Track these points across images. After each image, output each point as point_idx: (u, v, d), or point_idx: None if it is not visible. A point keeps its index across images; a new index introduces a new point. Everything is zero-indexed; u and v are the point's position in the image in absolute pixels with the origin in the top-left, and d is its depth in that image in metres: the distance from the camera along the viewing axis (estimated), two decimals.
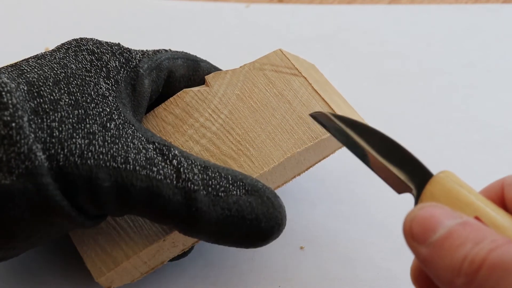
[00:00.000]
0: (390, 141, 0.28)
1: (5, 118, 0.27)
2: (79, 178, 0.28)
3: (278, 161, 0.34)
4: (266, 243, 0.32)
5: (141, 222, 0.33)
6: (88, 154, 0.29)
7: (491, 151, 0.44)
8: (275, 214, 0.32)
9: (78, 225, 0.30)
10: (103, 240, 0.33)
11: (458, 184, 0.25)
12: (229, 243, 0.32)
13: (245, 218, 0.31)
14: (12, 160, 0.27)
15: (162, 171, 0.30)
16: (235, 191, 0.31)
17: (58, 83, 0.30)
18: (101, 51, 0.33)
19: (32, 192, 0.27)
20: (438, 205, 0.24)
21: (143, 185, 0.29)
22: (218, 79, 0.36)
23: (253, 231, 0.31)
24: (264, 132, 0.34)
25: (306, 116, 0.35)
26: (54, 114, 0.29)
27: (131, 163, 0.29)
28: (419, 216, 0.24)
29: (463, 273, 0.22)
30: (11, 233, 0.29)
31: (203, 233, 0.31)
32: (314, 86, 0.36)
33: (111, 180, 0.29)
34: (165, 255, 0.34)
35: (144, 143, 0.30)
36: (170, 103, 0.36)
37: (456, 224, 0.23)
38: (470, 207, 0.24)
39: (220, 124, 0.35)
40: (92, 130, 0.29)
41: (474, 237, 0.22)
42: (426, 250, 0.23)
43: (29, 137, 0.28)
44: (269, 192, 0.32)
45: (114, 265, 0.32)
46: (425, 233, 0.23)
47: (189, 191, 0.30)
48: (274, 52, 0.37)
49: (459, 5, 0.58)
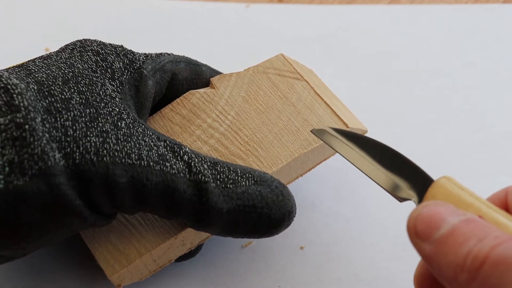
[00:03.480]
0: (391, 151, 0.28)
1: (18, 120, 0.28)
2: (95, 175, 0.29)
3: (286, 161, 0.35)
4: (278, 231, 0.33)
5: (152, 220, 0.33)
6: (103, 152, 0.29)
7: (491, 151, 0.44)
8: (284, 202, 0.32)
9: (89, 224, 0.30)
10: (114, 237, 0.33)
11: (459, 187, 0.25)
12: (241, 234, 0.33)
13: (256, 206, 0.32)
14: (25, 162, 0.27)
15: (175, 166, 0.30)
16: (244, 182, 0.32)
17: (67, 82, 0.31)
18: (106, 52, 0.34)
19: (45, 193, 0.27)
20: (442, 203, 0.24)
21: (158, 180, 0.30)
22: (223, 81, 0.37)
23: (264, 220, 0.32)
24: (271, 133, 0.35)
25: (311, 119, 0.36)
26: (67, 113, 0.29)
27: (145, 159, 0.30)
28: (423, 213, 0.24)
29: (467, 269, 0.22)
30: (22, 234, 0.29)
31: (215, 225, 0.32)
32: (316, 90, 0.37)
33: (127, 176, 0.29)
34: (173, 254, 0.34)
35: (155, 141, 0.31)
36: (177, 104, 0.36)
37: (459, 221, 0.23)
38: (472, 207, 0.24)
39: (228, 125, 0.35)
40: (105, 128, 0.30)
41: (478, 233, 0.22)
42: (430, 247, 0.23)
43: (42, 138, 0.28)
44: (277, 182, 0.33)
45: (127, 262, 0.33)
46: (429, 230, 0.23)
47: (200, 183, 0.30)
48: (276, 57, 0.38)
49: (459, 5, 0.58)
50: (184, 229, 0.33)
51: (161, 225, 0.33)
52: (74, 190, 0.28)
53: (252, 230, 0.33)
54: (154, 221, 0.33)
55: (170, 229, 0.33)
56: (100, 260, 0.33)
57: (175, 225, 0.33)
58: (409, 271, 0.37)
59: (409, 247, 0.38)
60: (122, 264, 0.33)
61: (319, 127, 0.34)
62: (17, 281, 0.37)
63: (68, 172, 0.28)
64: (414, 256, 0.37)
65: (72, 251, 0.38)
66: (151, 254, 0.33)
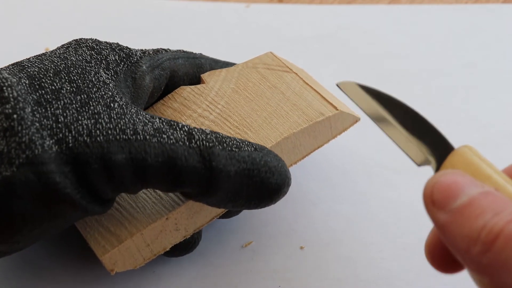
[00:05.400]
0: (414, 114, 0.28)
1: (7, 111, 0.28)
2: (91, 157, 0.28)
3: (276, 140, 0.35)
4: (277, 198, 0.33)
5: (143, 202, 0.33)
6: (96, 132, 0.29)
7: (491, 151, 0.44)
8: (284, 168, 0.33)
9: (83, 212, 0.30)
10: (106, 221, 0.33)
11: (479, 158, 0.25)
12: (242, 200, 0.33)
13: (260, 170, 0.32)
14: (13, 151, 0.27)
15: (173, 136, 0.30)
16: (246, 148, 0.32)
17: (59, 73, 0.31)
18: (100, 47, 0.34)
19: (33, 182, 0.27)
20: (460, 173, 0.24)
21: (157, 151, 0.29)
22: (213, 76, 0.38)
23: (266, 184, 0.32)
24: (260, 118, 0.36)
25: (300, 103, 0.37)
26: (57, 102, 0.29)
27: (140, 134, 0.29)
28: (441, 182, 0.24)
29: (480, 242, 0.22)
30: (15, 226, 0.29)
31: (220, 190, 0.31)
32: (305, 80, 0.38)
33: (123, 152, 0.29)
34: (167, 240, 0.34)
35: (149, 118, 0.31)
36: (168, 99, 0.37)
37: (478, 193, 0.23)
38: (490, 180, 0.24)
39: (218, 113, 0.36)
40: (97, 110, 0.30)
41: (494, 207, 0.22)
42: (446, 216, 0.23)
43: (31, 127, 0.28)
44: (274, 153, 0.33)
45: (118, 242, 0.33)
46: (446, 199, 0.23)
47: (205, 148, 0.30)
48: (265, 54, 0.39)
49: (459, 5, 0.58)
50: (175, 210, 0.33)
51: (152, 206, 0.33)
52: (69, 176, 0.28)
53: (254, 196, 0.33)
54: (145, 204, 0.33)
55: (161, 210, 0.33)
56: (90, 242, 0.33)
57: (166, 206, 0.33)
58: (409, 271, 0.37)
59: (409, 247, 0.38)
60: (112, 244, 0.32)
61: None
62: (15, 280, 0.37)
63: (62, 157, 0.28)
64: (414, 256, 0.37)
65: (71, 251, 0.38)
66: (142, 235, 0.33)
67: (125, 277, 0.37)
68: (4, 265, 0.37)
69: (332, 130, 0.38)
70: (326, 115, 0.36)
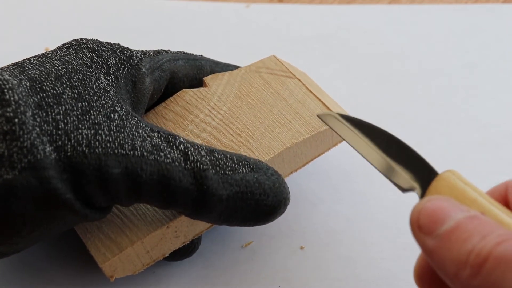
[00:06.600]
0: (397, 141, 0.28)
1: (8, 114, 0.28)
2: (88, 168, 0.29)
3: (278, 151, 0.35)
4: (273, 218, 0.33)
5: (144, 210, 0.33)
6: (95, 143, 0.29)
7: (491, 151, 0.44)
8: (280, 189, 0.33)
9: (82, 218, 0.30)
10: (107, 227, 0.33)
11: (463, 182, 0.25)
12: (237, 221, 0.33)
13: (254, 193, 0.32)
14: (15, 155, 0.27)
15: (170, 155, 0.30)
16: (241, 169, 0.32)
17: (60, 78, 0.31)
18: (101, 49, 0.34)
19: (34, 186, 0.27)
20: (445, 198, 0.24)
21: (153, 169, 0.30)
22: (216, 80, 0.38)
23: (261, 206, 0.32)
24: (263, 126, 0.36)
25: (303, 112, 0.36)
26: (58, 107, 0.29)
27: (138, 150, 0.30)
28: (427, 208, 0.24)
29: (469, 265, 0.22)
30: (14, 228, 0.29)
31: (213, 212, 0.31)
32: (308, 87, 0.38)
33: (120, 166, 0.29)
34: (167, 246, 0.34)
35: (149, 132, 0.31)
36: (170, 102, 0.37)
37: (464, 217, 0.23)
38: (475, 204, 0.24)
39: (220, 120, 0.36)
40: (97, 120, 0.30)
41: (481, 230, 0.22)
42: (433, 242, 0.23)
43: (32, 132, 0.28)
44: (272, 170, 0.33)
45: (119, 250, 0.33)
46: (433, 224, 0.23)
47: (199, 171, 0.30)
48: (268, 58, 0.39)
49: (459, 5, 0.58)
50: (176, 218, 0.33)
51: (153, 214, 0.33)
52: (67, 183, 0.28)
53: (249, 217, 0.33)
54: (146, 211, 0.33)
55: (162, 218, 0.33)
56: (91, 249, 0.33)
57: (167, 215, 0.33)
58: (409, 271, 0.37)
59: (409, 247, 0.38)
60: (113, 252, 0.33)
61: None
62: (14, 282, 0.37)
63: (60, 165, 0.28)
64: (414, 256, 0.37)
65: (70, 253, 0.38)
66: (143, 243, 0.33)
67: (125, 278, 0.37)
68: (3, 267, 0.37)
69: (333, 138, 0.38)
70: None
